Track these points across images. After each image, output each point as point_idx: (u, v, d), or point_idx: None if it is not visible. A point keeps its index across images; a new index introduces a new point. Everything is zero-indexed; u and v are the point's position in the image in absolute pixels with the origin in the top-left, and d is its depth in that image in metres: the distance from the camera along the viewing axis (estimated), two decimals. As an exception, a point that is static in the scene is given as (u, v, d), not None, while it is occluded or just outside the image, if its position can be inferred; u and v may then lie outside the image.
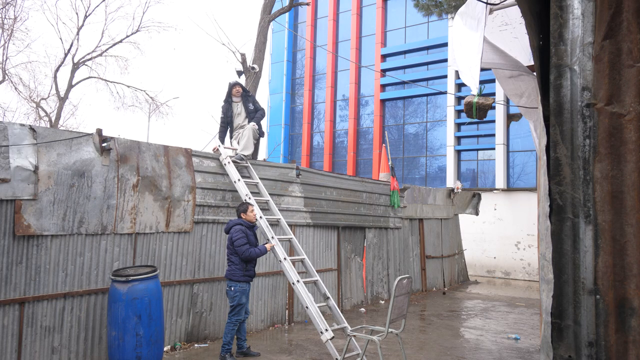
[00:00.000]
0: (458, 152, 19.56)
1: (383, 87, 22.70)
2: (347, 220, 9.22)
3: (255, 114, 7.48)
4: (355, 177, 9.81)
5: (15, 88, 18.42)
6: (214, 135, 7.67)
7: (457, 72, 11.94)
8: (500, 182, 17.43)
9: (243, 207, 6.04)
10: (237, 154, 7.13)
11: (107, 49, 19.84)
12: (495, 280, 15.57)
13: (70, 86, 18.87)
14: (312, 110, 25.20)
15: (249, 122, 7.44)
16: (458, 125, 19.43)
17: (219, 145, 7.10)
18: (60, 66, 18.78)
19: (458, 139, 19.56)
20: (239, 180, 6.77)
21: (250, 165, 7.26)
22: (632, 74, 1.84)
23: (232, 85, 7.49)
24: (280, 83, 26.20)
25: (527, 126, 13.21)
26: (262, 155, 12.25)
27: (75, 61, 19.01)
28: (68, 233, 5.19)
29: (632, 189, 1.81)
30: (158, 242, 6.12)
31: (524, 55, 5.37)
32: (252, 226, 5.99)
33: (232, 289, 5.72)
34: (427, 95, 21.24)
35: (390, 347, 6.44)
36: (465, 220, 15.48)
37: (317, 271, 6.98)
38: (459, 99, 19.04)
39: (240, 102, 7.51)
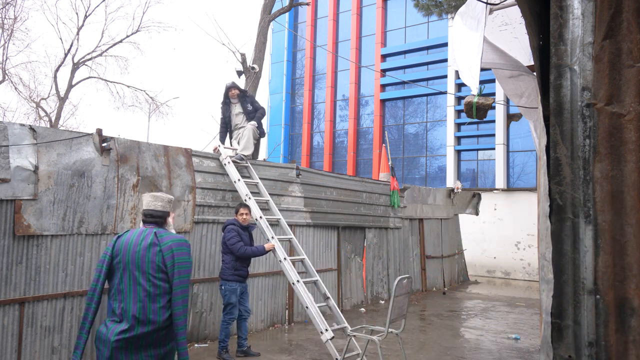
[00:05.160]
0: (458, 152, 19.56)
1: (383, 87, 22.71)
2: (347, 220, 9.22)
3: (254, 113, 7.46)
4: (355, 177, 9.81)
5: (15, 88, 18.44)
6: (214, 136, 7.67)
7: (457, 72, 11.94)
8: (500, 182, 17.43)
9: (235, 209, 6.21)
10: (237, 154, 7.13)
11: (107, 49, 19.87)
12: (495, 280, 15.58)
13: (70, 86, 18.88)
14: (312, 110, 25.21)
15: (248, 122, 7.43)
16: (458, 125, 19.44)
17: (219, 146, 7.10)
18: (60, 66, 18.80)
19: (458, 139, 19.56)
20: (239, 180, 6.77)
21: (250, 165, 7.26)
22: (632, 74, 1.84)
23: (228, 88, 7.47)
24: (280, 83, 26.21)
25: (527, 126, 13.21)
26: (262, 155, 12.25)
27: (75, 61, 19.02)
28: (68, 233, 5.18)
29: (632, 189, 1.81)
30: (158, 242, 6.11)
31: (524, 55, 5.36)
32: (245, 227, 6.06)
33: (222, 287, 5.89)
34: (427, 95, 21.24)
35: (390, 347, 6.45)
36: (465, 220, 15.47)
37: (317, 271, 6.98)
38: (459, 99, 19.05)
39: (238, 103, 7.50)
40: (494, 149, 18.17)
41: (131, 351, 3.02)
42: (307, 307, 5.88)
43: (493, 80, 12.57)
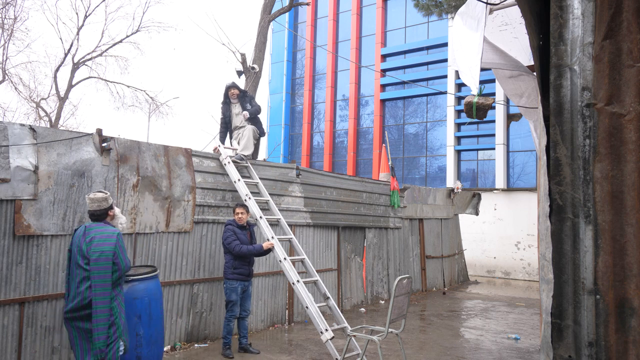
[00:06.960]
0: (458, 152, 19.56)
1: (383, 87, 22.70)
2: (347, 220, 9.22)
3: (254, 114, 7.50)
4: (355, 177, 9.81)
5: (15, 88, 18.43)
6: (214, 136, 7.66)
7: (457, 72, 11.94)
8: (500, 182, 17.43)
9: (232, 208, 6.34)
10: (237, 154, 7.13)
11: (107, 49, 19.86)
12: (495, 280, 15.58)
13: (70, 86, 18.87)
14: (312, 110, 25.20)
15: (249, 123, 7.44)
16: (458, 125, 19.44)
17: (219, 145, 7.10)
18: (60, 66, 18.79)
19: (458, 139, 19.56)
20: (239, 180, 6.77)
21: (250, 165, 7.26)
22: (632, 74, 1.84)
23: (227, 87, 7.47)
24: (280, 83, 26.20)
25: (527, 126, 13.22)
26: (262, 155, 12.25)
27: (75, 61, 19.01)
28: (68, 233, 5.18)
29: (632, 189, 1.81)
30: (158, 242, 6.12)
31: (524, 55, 5.37)
32: (243, 226, 6.10)
33: (224, 285, 6.08)
34: (427, 95, 21.24)
35: (390, 347, 6.45)
36: (465, 220, 15.47)
37: (317, 271, 6.98)
38: (459, 99, 19.05)
39: (238, 103, 7.50)
40: (494, 149, 18.17)
41: (78, 322, 3.85)
42: (307, 307, 5.88)
43: (493, 80, 12.58)
